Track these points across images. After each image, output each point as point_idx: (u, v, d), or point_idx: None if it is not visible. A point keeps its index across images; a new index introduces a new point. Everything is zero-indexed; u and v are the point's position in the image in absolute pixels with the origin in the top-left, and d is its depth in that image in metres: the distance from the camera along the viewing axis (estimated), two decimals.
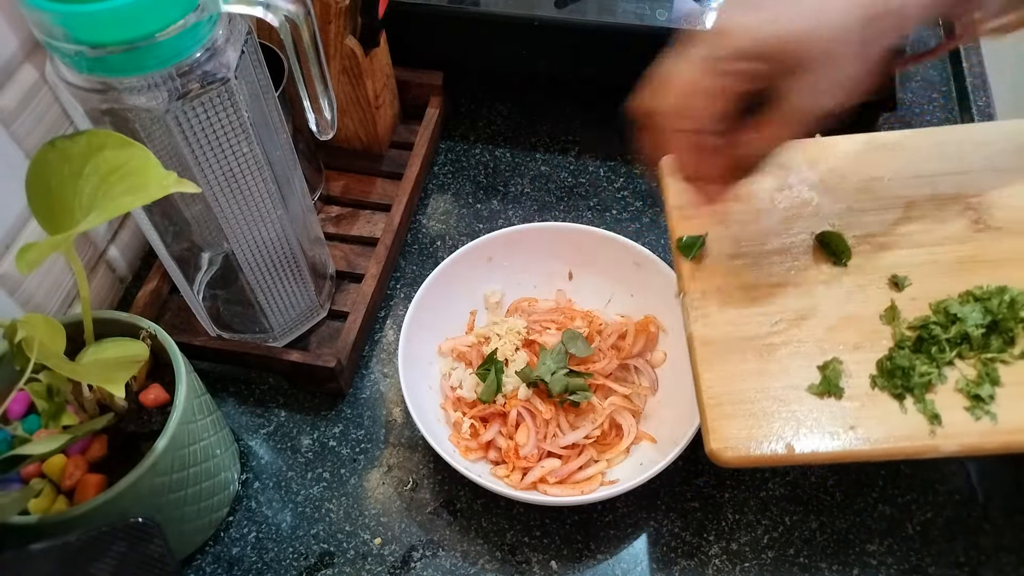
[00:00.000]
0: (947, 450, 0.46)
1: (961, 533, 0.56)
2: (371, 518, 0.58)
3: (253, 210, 0.54)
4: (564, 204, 0.75)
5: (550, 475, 0.56)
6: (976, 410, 0.47)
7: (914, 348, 0.49)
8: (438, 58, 0.78)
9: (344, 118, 0.72)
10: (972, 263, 0.52)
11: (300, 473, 0.60)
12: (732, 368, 0.50)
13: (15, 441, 0.48)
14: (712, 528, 0.57)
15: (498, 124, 0.81)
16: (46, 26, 0.41)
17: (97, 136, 0.42)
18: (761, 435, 0.47)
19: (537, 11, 0.70)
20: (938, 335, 0.49)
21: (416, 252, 0.72)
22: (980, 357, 0.48)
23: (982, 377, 0.48)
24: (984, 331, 0.49)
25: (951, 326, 0.49)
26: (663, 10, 0.70)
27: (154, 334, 0.52)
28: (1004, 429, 0.46)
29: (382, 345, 0.67)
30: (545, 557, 0.56)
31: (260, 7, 0.46)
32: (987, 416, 0.46)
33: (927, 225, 0.54)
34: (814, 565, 0.55)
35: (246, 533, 0.58)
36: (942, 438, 0.46)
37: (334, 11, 0.64)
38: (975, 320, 0.49)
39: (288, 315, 0.63)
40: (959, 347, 0.49)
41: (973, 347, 0.49)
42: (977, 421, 0.46)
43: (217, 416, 0.56)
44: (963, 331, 0.49)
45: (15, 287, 0.57)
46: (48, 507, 0.48)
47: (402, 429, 0.62)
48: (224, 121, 0.48)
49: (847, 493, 0.58)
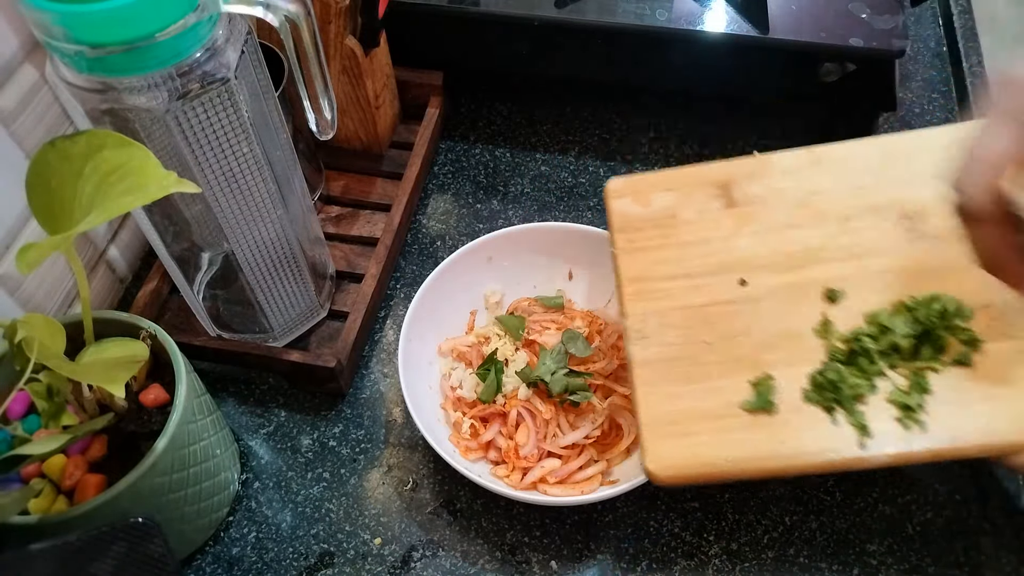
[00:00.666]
0: (876, 461, 0.46)
1: (961, 533, 0.56)
2: (371, 518, 0.58)
3: (253, 210, 0.54)
4: (564, 204, 0.75)
5: (550, 475, 0.56)
6: (906, 420, 0.47)
7: (846, 361, 0.49)
8: (438, 58, 0.78)
9: (344, 118, 0.72)
10: (907, 273, 0.51)
11: (300, 473, 0.60)
12: (669, 389, 0.50)
13: (15, 441, 0.48)
14: (712, 528, 0.57)
15: (498, 124, 0.81)
16: (46, 26, 0.41)
17: (97, 136, 0.42)
18: (694, 453, 0.48)
19: (537, 11, 0.70)
20: (869, 347, 0.49)
21: (416, 252, 0.72)
22: (910, 367, 0.48)
23: (912, 387, 0.47)
24: (914, 341, 0.49)
25: (882, 337, 0.49)
26: (663, 10, 0.70)
27: (154, 334, 0.52)
28: (933, 437, 0.46)
29: (382, 345, 0.67)
30: (545, 557, 0.56)
31: (260, 7, 0.46)
32: (917, 425, 0.46)
33: (863, 237, 0.53)
34: (814, 565, 0.55)
35: (246, 533, 0.58)
36: (872, 449, 0.46)
37: (334, 11, 0.64)
38: (903, 331, 0.49)
39: (288, 315, 0.63)
40: (890, 358, 0.49)
41: (903, 357, 0.49)
42: (907, 431, 0.46)
43: (217, 416, 0.56)
44: (893, 342, 0.49)
45: (15, 287, 0.57)
46: (48, 507, 0.48)
47: (402, 429, 0.62)
48: (224, 121, 0.48)
49: (847, 493, 0.58)
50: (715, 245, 0.55)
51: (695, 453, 0.48)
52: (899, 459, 0.46)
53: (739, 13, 0.69)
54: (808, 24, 0.68)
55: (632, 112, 0.81)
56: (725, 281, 0.54)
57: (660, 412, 0.50)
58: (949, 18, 0.85)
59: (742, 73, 0.74)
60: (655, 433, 0.49)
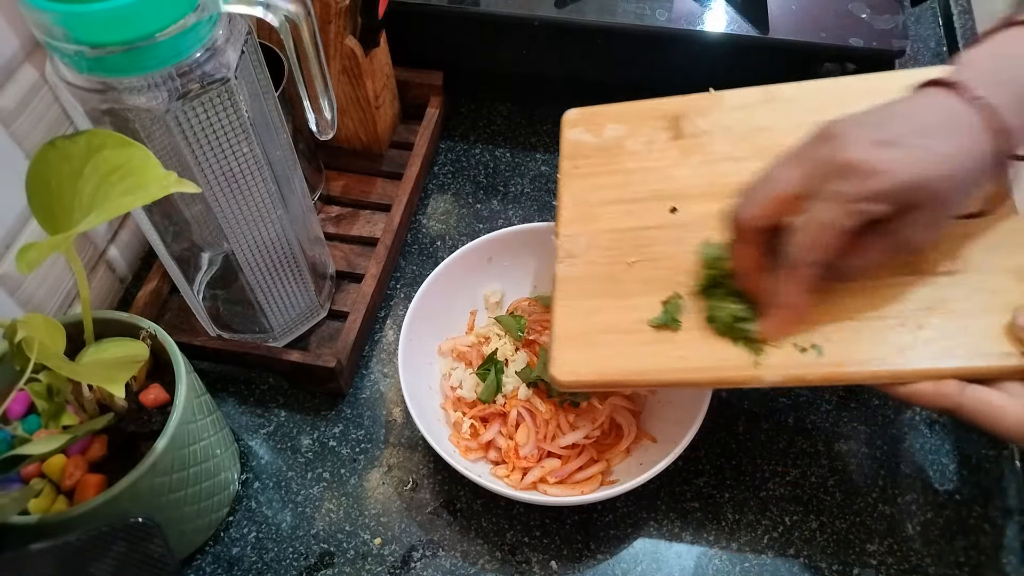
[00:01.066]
0: (770, 380, 0.47)
1: (961, 533, 0.56)
2: (371, 518, 0.58)
3: (253, 210, 0.54)
4: None
5: (550, 475, 0.56)
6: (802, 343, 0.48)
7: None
8: (438, 58, 0.78)
9: (344, 118, 0.72)
10: None
11: (300, 473, 0.60)
12: (587, 303, 0.53)
13: (15, 441, 0.48)
14: (712, 528, 0.57)
15: (498, 124, 0.81)
16: (46, 26, 0.41)
17: (97, 136, 0.42)
18: (597, 362, 0.50)
19: (537, 11, 0.70)
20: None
21: (416, 252, 0.72)
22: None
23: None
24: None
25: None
26: (663, 10, 0.70)
27: (154, 334, 0.52)
28: (828, 362, 0.47)
29: (382, 345, 0.67)
30: (545, 557, 0.56)
31: (260, 7, 0.46)
32: (813, 350, 0.47)
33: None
34: (814, 565, 0.55)
35: (246, 533, 0.58)
36: (765, 368, 0.47)
37: (334, 11, 0.64)
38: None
39: (288, 315, 0.63)
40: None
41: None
42: (802, 353, 0.47)
43: (217, 416, 0.56)
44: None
45: (15, 287, 0.57)
46: (48, 507, 0.48)
47: (402, 429, 0.62)
48: (224, 121, 0.48)
49: (847, 493, 0.58)
50: (655, 174, 0.57)
51: (598, 362, 0.50)
52: (793, 380, 0.47)
53: (739, 13, 0.69)
54: (808, 24, 0.68)
55: None
56: (657, 208, 0.56)
57: (573, 324, 0.52)
58: (949, 18, 0.85)
59: (742, 73, 0.74)
60: (565, 344, 0.51)
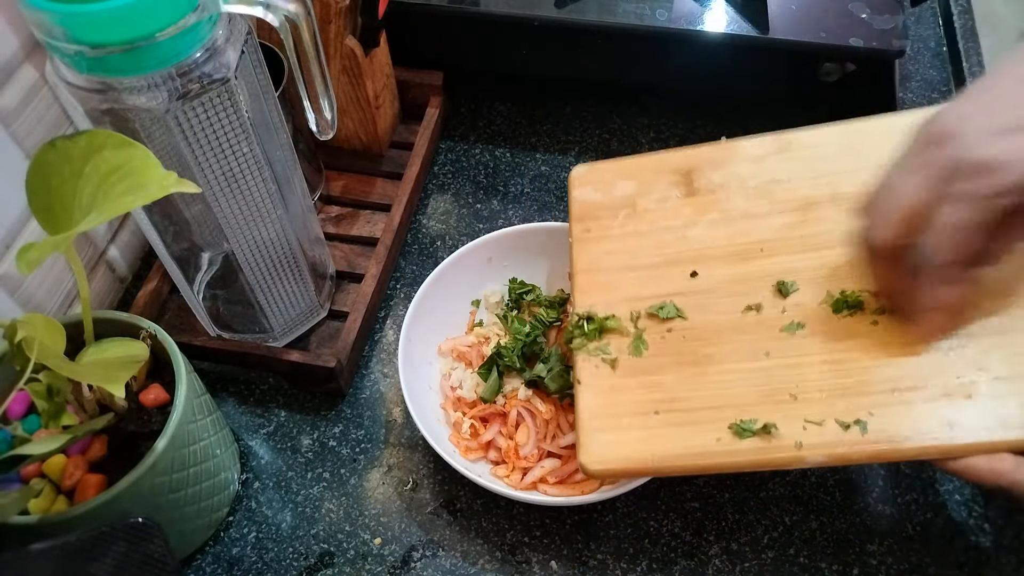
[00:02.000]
0: (812, 461, 0.45)
1: (961, 533, 0.56)
2: (371, 518, 0.58)
3: (253, 210, 0.54)
4: (564, 204, 0.75)
5: (550, 475, 0.56)
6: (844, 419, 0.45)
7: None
8: (438, 58, 0.78)
9: (344, 118, 0.72)
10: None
11: (300, 473, 0.60)
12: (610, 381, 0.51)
13: (15, 441, 0.48)
14: (712, 528, 0.57)
15: (498, 124, 0.81)
16: (46, 26, 0.41)
17: (97, 136, 0.42)
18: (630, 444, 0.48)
19: (537, 11, 0.70)
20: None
21: (416, 252, 0.72)
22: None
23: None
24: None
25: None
26: (663, 10, 0.70)
27: (154, 334, 0.52)
28: (872, 439, 0.44)
29: (382, 345, 0.67)
30: (545, 557, 0.56)
31: (260, 7, 0.46)
32: (857, 426, 0.45)
33: (821, 228, 0.51)
34: (814, 565, 0.55)
35: (246, 533, 0.58)
36: (808, 449, 0.45)
37: (334, 11, 0.64)
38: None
39: (288, 315, 0.63)
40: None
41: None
42: (846, 431, 0.45)
43: (217, 416, 0.56)
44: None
45: (15, 287, 0.57)
46: (48, 507, 0.48)
47: (402, 429, 0.62)
48: (224, 121, 0.48)
49: (847, 493, 0.58)
50: (671, 235, 0.55)
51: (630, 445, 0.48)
52: (835, 459, 0.45)
53: (739, 13, 0.69)
54: (808, 24, 0.68)
55: (632, 112, 0.81)
56: (676, 273, 0.53)
57: (599, 405, 0.50)
58: (949, 18, 0.85)
59: (742, 73, 0.74)
60: (592, 428, 0.49)
